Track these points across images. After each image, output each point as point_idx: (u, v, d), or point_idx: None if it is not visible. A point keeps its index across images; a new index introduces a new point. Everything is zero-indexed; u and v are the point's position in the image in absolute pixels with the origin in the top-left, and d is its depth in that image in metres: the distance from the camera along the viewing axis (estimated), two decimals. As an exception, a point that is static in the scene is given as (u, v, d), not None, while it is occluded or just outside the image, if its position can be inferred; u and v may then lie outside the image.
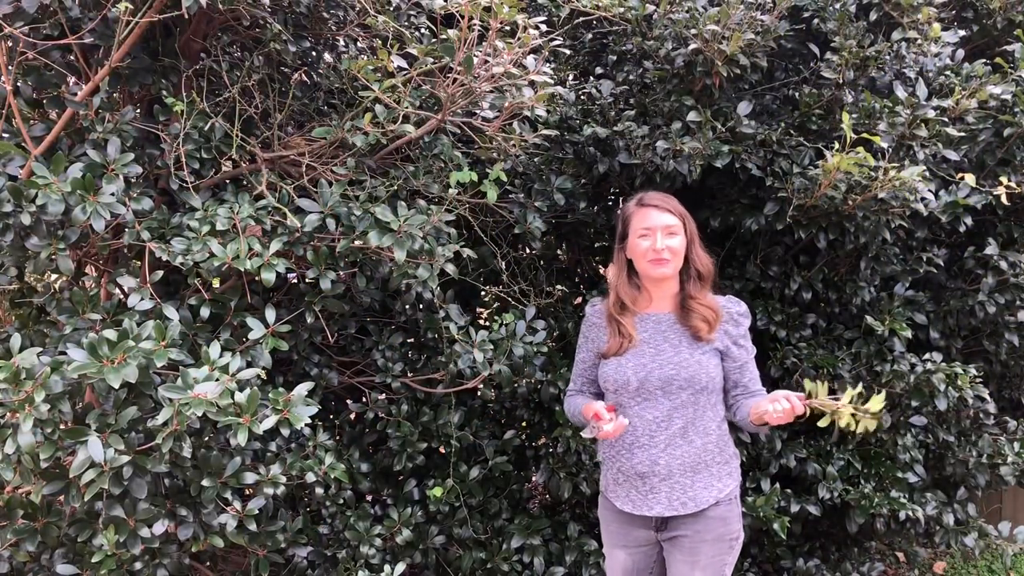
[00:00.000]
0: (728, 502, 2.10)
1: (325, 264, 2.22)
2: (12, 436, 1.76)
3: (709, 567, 2.09)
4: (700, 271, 2.13)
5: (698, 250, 2.14)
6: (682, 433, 2.06)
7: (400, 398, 2.68)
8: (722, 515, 2.09)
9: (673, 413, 2.06)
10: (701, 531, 2.07)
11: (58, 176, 1.94)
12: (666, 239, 2.07)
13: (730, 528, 2.10)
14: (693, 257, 2.13)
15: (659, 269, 2.08)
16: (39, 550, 2.17)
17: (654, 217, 2.09)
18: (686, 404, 2.06)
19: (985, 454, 2.87)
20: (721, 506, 2.09)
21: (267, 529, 2.26)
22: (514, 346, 2.49)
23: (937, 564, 3.72)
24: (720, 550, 2.10)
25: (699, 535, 2.08)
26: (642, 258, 2.10)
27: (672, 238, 2.08)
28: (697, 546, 2.08)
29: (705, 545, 2.08)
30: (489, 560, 2.78)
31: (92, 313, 2.11)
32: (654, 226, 2.08)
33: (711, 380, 2.06)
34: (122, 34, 1.94)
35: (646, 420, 2.07)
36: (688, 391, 2.05)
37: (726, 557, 2.12)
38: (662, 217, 2.08)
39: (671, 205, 2.12)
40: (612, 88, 2.73)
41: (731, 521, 2.10)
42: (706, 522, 2.07)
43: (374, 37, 2.52)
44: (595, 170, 2.70)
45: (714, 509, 2.08)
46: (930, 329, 2.87)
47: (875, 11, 2.59)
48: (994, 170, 2.68)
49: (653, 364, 2.07)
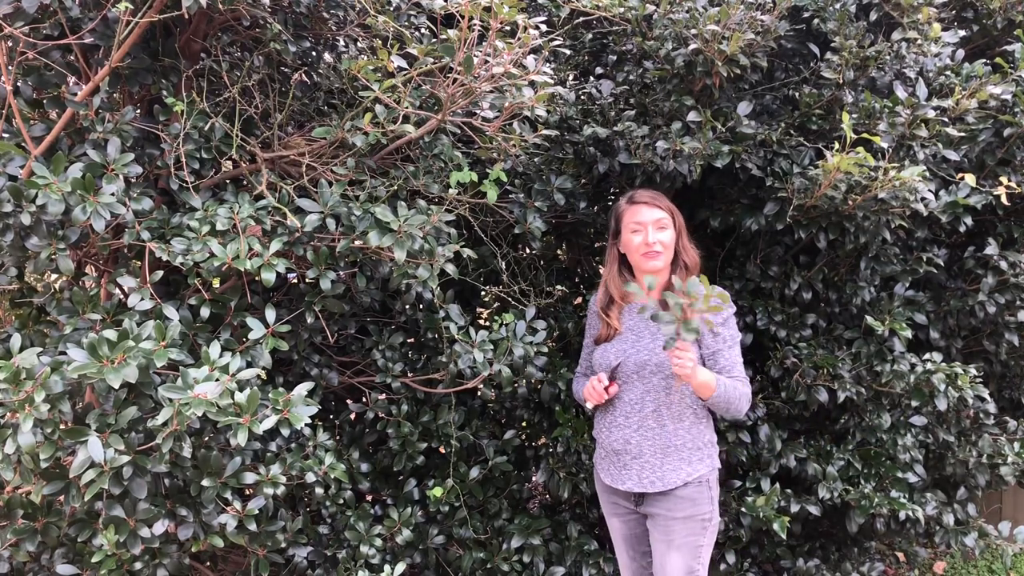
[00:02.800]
0: (698, 484, 2.23)
1: (325, 264, 2.22)
2: (12, 436, 1.76)
3: (684, 547, 2.22)
4: (687, 263, 2.29)
5: (686, 243, 2.31)
6: (655, 416, 2.22)
7: (400, 398, 2.68)
8: (691, 495, 2.22)
9: (646, 396, 2.23)
10: (672, 509, 2.22)
11: (58, 176, 1.94)
12: (657, 233, 2.23)
13: (700, 508, 2.23)
14: (681, 249, 2.29)
15: (651, 262, 2.24)
16: (39, 550, 2.17)
17: (645, 213, 2.25)
18: (658, 388, 2.22)
19: (985, 454, 2.87)
20: (690, 487, 2.22)
21: (267, 529, 2.26)
22: (514, 346, 2.50)
23: (937, 564, 3.72)
24: (692, 530, 2.22)
25: (670, 513, 2.22)
26: (635, 252, 2.26)
27: (662, 232, 2.24)
28: (670, 524, 2.23)
29: (677, 523, 2.22)
30: (489, 560, 2.78)
31: (92, 313, 2.11)
32: (645, 221, 2.24)
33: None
34: (122, 34, 1.94)
35: (624, 402, 2.26)
36: (659, 376, 2.21)
37: (699, 539, 2.24)
38: (652, 212, 2.25)
39: (660, 202, 2.28)
40: (612, 88, 2.73)
41: (700, 502, 2.23)
42: (676, 501, 2.22)
43: (374, 37, 2.52)
44: (595, 170, 2.70)
45: (682, 489, 2.22)
46: (930, 329, 2.87)
47: (875, 11, 2.59)
48: (994, 170, 2.68)
49: (632, 350, 2.25)
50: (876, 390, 2.78)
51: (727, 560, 2.87)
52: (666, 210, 2.26)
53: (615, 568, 2.77)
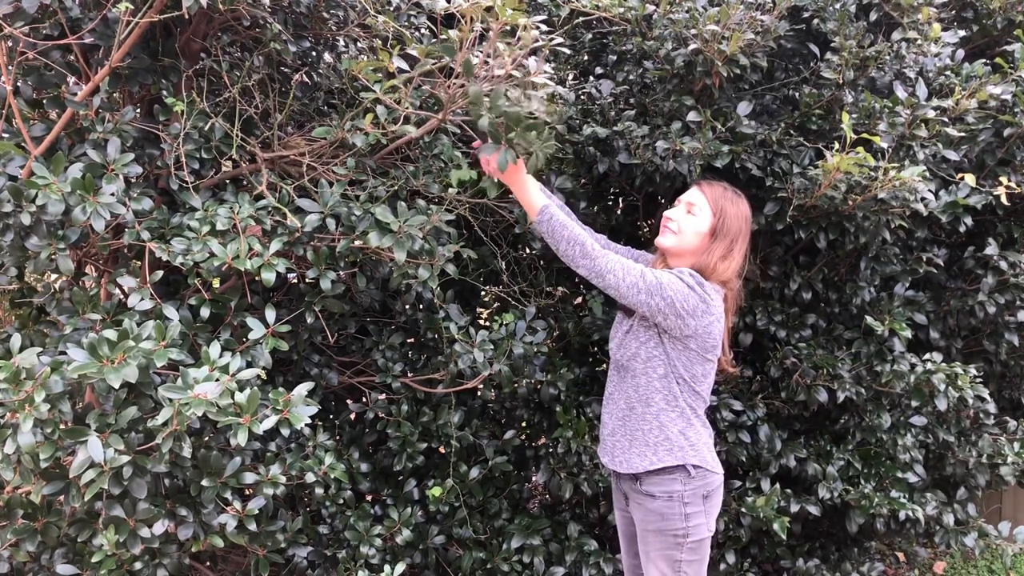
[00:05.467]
0: (668, 498, 2.11)
1: (325, 264, 2.22)
2: (12, 436, 1.76)
3: (660, 559, 2.16)
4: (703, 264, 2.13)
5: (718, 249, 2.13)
6: (624, 400, 2.19)
7: (400, 398, 2.68)
8: (659, 509, 2.13)
9: (617, 375, 2.23)
10: (643, 519, 2.18)
11: (58, 176, 1.94)
12: (682, 212, 2.16)
13: (670, 524, 2.12)
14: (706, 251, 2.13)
15: (660, 236, 2.20)
16: (39, 550, 2.17)
17: (690, 193, 2.21)
18: (625, 367, 2.19)
19: (985, 454, 2.87)
20: (658, 500, 2.12)
21: (267, 529, 2.26)
22: (514, 346, 2.50)
23: (937, 564, 3.72)
24: (666, 544, 2.14)
25: (644, 524, 2.18)
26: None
27: (688, 216, 2.15)
28: (645, 535, 2.19)
29: (650, 536, 2.17)
30: (489, 560, 2.78)
31: (92, 313, 2.11)
32: (682, 199, 2.20)
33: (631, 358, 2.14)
34: (122, 34, 1.94)
35: (609, 380, 2.28)
36: (617, 363, 2.22)
37: (676, 553, 2.13)
38: (694, 195, 2.19)
39: (714, 193, 2.16)
40: (612, 88, 2.73)
41: (670, 518, 2.12)
42: (646, 512, 2.17)
43: (374, 37, 2.52)
44: (595, 170, 2.70)
45: (650, 501, 2.14)
46: (930, 329, 2.87)
47: (875, 11, 2.59)
48: (994, 170, 2.68)
49: (615, 328, 2.27)
50: (876, 390, 2.78)
51: (727, 560, 2.87)
52: (711, 202, 2.14)
53: (615, 568, 2.78)
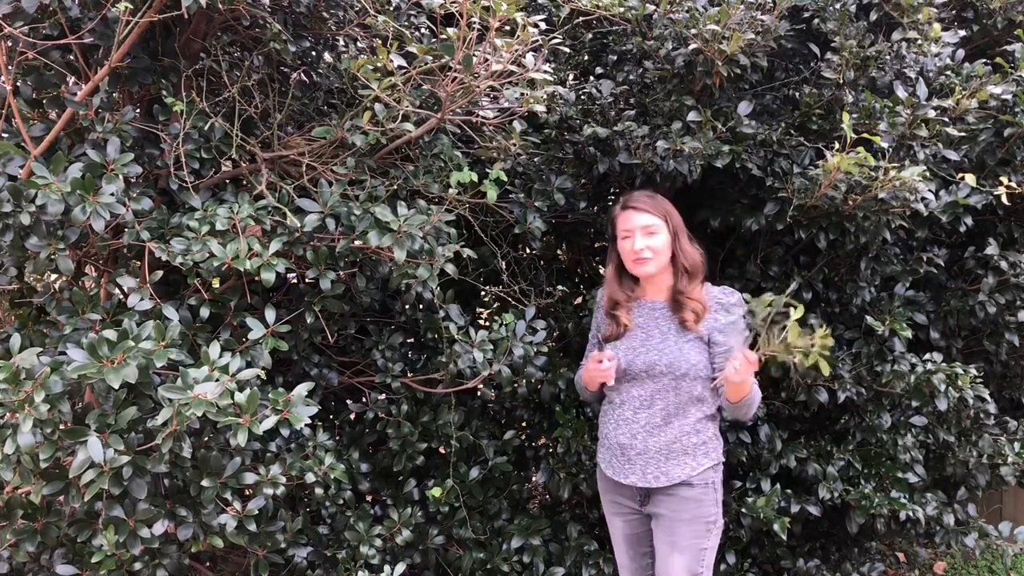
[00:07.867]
0: (704, 485, 2.22)
1: (325, 264, 2.22)
2: (12, 436, 1.76)
3: (688, 550, 2.21)
4: (687, 266, 2.24)
5: (684, 245, 2.26)
6: (662, 414, 2.21)
7: (400, 398, 2.68)
8: (696, 496, 2.21)
9: (655, 395, 2.22)
10: (677, 510, 2.21)
11: (58, 176, 1.94)
12: (645, 239, 2.21)
13: (706, 510, 2.22)
14: (678, 252, 2.25)
15: (640, 268, 2.24)
16: (39, 550, 2.17)
17: (633, 219, 2.23)
18: (667, 388, 2.21)
19: (985, 454, 2.87)
20: (696, 488, 2.21)
21: (267, 529, 2.25)
22: (514, 346, 2.49)
23: (937, 564, 3.72)
24: (696, 532, 2.21)
25: (676, 514, 2.22)
26: (627, 259, 2.26)
27: (652, 237, 2.21)
28: (674, 526, 2.22)
29: (681, 525, 2.21)
30: (489, 560, 2.77)
31: (92, 313, 2.10)
32: (633, 227, 2.22)
33: (692, 367, 2.20)
34: (122, 34, 1.94)
35: (632, 397, 2.26)
36: (669, 376, 2.20)
37: (704, 541, 2.22)
38: (640, 218, 2.22)
39: (651, 205, 2.24)
40: (612, 88, 2.73)
41: (706, 504, 2.22)
42: (681, 502, 2.21)
43: (374, 37, 2.52)
44: (595, 170, 2.70)
45: (687, 489, 2.21)
46: (930, 329, 2.87)
47: (875, 11, 2.59)
48: (994, 170, 2.67)
49: (641, 348, 2.25)
50: (876, 390, 2.78)
51: (727, 561, 2.87)
52: (658, 214, 2.22)
53: (615, 568, 2.77)
